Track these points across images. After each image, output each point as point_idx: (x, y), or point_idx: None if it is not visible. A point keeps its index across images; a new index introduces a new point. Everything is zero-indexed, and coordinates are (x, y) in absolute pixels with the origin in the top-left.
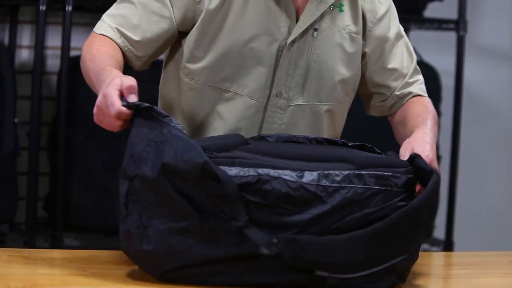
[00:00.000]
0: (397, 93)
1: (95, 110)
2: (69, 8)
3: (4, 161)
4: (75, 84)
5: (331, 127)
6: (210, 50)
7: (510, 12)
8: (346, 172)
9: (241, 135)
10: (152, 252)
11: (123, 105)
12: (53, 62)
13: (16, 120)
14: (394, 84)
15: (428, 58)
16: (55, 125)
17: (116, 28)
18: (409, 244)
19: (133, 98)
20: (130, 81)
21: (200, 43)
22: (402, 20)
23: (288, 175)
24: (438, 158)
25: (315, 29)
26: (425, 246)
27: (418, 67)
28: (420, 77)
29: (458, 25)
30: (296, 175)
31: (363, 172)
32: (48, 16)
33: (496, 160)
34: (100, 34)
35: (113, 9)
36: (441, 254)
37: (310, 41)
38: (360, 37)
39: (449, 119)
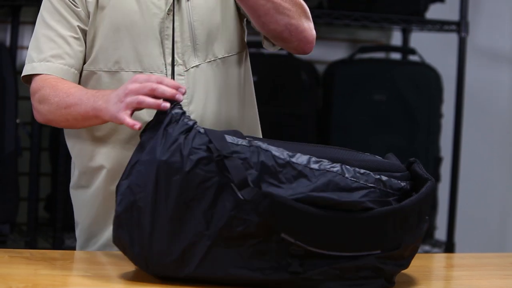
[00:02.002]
0: None
1: (135, 86)
2: None
3: (6, 162)
4: None
5: (239, 78)
6: (98, 36)
7: (511, 14)
8: (338, 164)
9: (239, 131)
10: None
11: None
12: None
13: (17, 120)
14: None
15: (429, 60)
16: None
17: (55, 63)
18: (389, 241)
19: None
20: None
21: (89, 32)
22: (404, 22)
23: (279, 152)
24: (440, 159)
25: None
26: (426, 247)
27: None
28: None
29: (460, 26)
30: (287, 154)
31: (351, 168)
32: None
33: (497, 162)
34: (42, 74)
35: (40, 54)
36: (442, 255)
37: (186, 5)
38: None
39: (451, 120)
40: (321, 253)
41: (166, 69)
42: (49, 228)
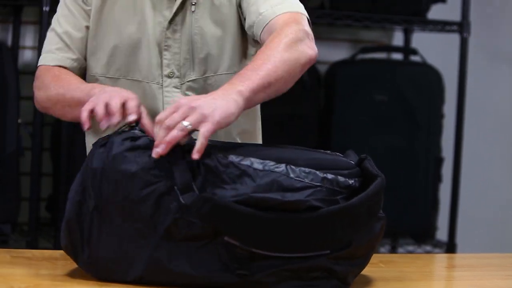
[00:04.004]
0: (255, 30)
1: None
2: None
3: (7, 162)
4: None
5: None
6: (103, 45)
7: None
8: (283, 164)
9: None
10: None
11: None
12: None
13: (19, 120)
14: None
15: (431, 60)
16: (58, 125)
17: (58, 55)
18: (338, 241)
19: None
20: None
21: (94, 39)
22: (406, 22)
23: (222, 153)
24: (441, 159)
25: (193, 4)
26: (427, 248)
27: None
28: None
29: (462, 27)
30: (232, 156)
31: (296, 168)
32: (51, 16)
33: (499, 162)
34: (47, 65)
35: (47, 46)
36: (444, 256)
37: (190, 16)
38: None
39: (452, 120)
40: (267, 254)
41: (162, 80)
42: (50, 228)
